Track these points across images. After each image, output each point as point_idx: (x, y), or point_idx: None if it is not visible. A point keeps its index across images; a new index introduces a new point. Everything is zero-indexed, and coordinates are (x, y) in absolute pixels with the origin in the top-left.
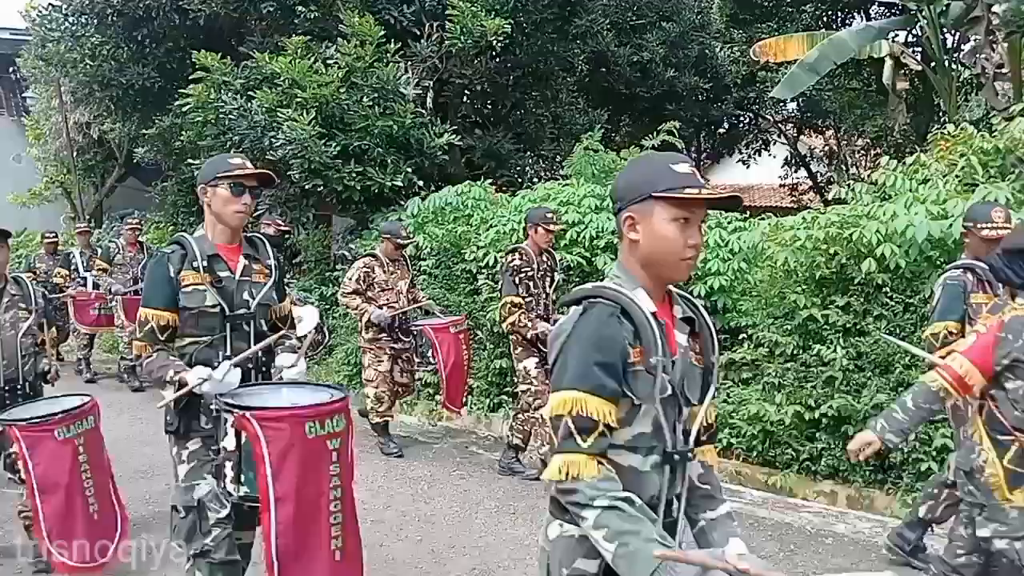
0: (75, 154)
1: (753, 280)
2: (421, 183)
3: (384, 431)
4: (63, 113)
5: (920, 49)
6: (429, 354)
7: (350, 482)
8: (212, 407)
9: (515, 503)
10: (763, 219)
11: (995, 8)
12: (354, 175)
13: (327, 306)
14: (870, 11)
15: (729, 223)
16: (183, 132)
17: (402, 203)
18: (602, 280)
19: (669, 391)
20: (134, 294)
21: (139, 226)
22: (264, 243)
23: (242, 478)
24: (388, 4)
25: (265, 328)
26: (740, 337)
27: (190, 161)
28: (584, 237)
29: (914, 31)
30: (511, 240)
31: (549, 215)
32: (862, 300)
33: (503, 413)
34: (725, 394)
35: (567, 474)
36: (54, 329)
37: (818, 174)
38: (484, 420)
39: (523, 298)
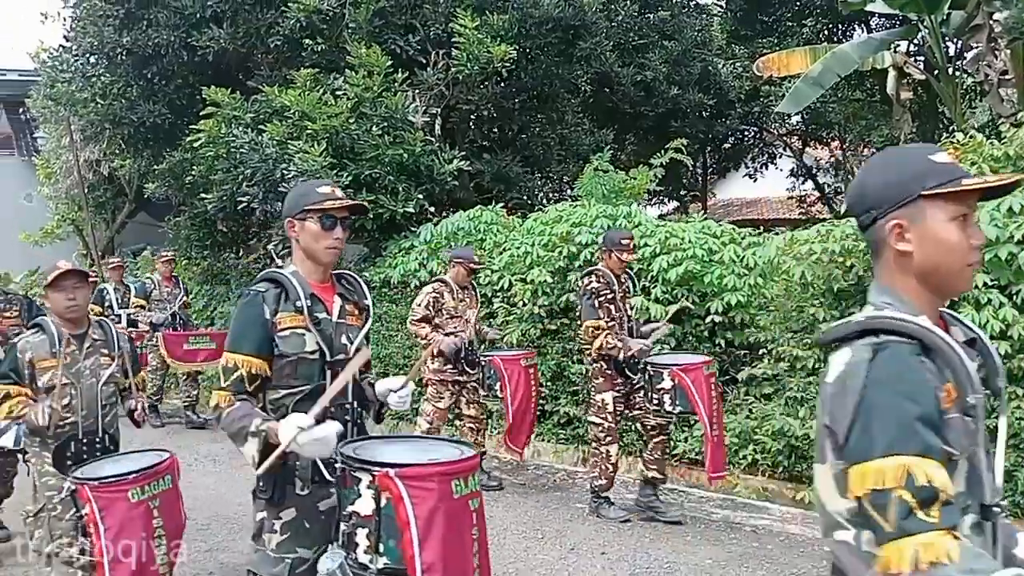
0: (86, 191)
1: (770, 295)
2: (432, 209)
3: None
4: (74, 151)
5: (923, 58)
6: (497, 386)
7: (487, 547)
8: (334, 465)
9: (542, 527)
10: (777, 233)
11: (996, 16)
12: (366, 203)
13: None
14: (871, 23)
15: (743, 238)
16: (194, 167)
17: (414, 229)
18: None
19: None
20: (173, 329)
21: (173, 259)
22: (360, 283)
23: (381, 547)
24: (394, 34)
25: (359, 376)
26: (760, 352)
27: (202, 195)
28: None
29: (915, 41)
30: (525, 263)
31: (625, 240)
32: None
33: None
34: (748, 409)
35: (925, 561)
36: (143, 374)
37: (825, 185)
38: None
39: (606, 321)
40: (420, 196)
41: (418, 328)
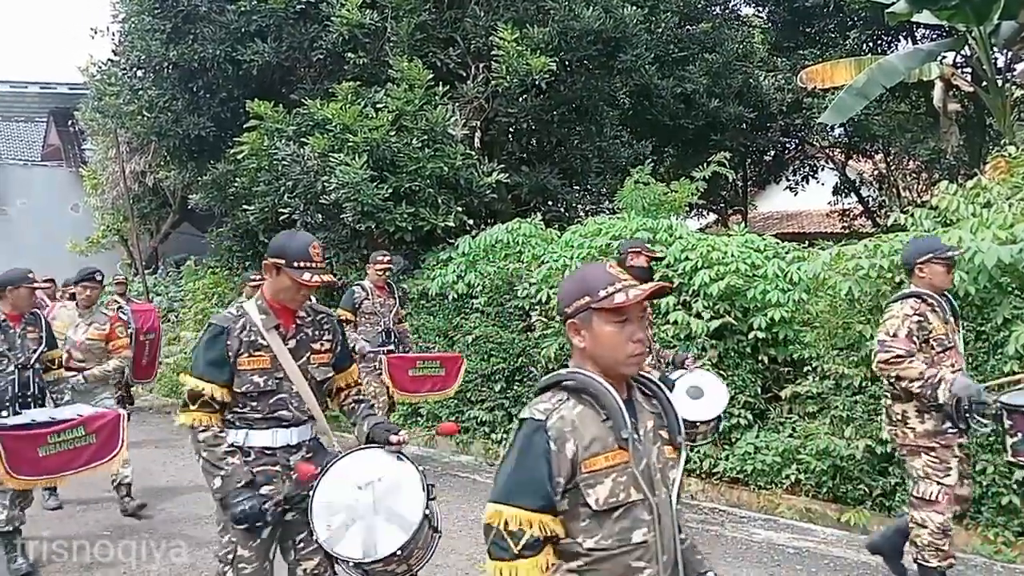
0: (131, 202)
1: (814, 311)
2: (471, 222)
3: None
4: (120, 163)
5: (970, 70)
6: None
7: None
8: None
9: None
10: (821, 248)
11: None
12: (406, 216)
13: None
14: (916, 34)
15: (787, 253)
16: (237, 179)
17: (452, 241)
18: None
19: None
20: (388, 349)
21: (389, 265)
22: None
23: None
24: (435, 48)
25: None
26: (804, 369)
27: (244, 207)
28: None
29: (963, 52)
30: (562, 276)
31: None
32: None
33: None
34: (791, 428)
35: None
36: None
37: (869, 199)
38: None
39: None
40: (459, 209)
41: (906, 369)
